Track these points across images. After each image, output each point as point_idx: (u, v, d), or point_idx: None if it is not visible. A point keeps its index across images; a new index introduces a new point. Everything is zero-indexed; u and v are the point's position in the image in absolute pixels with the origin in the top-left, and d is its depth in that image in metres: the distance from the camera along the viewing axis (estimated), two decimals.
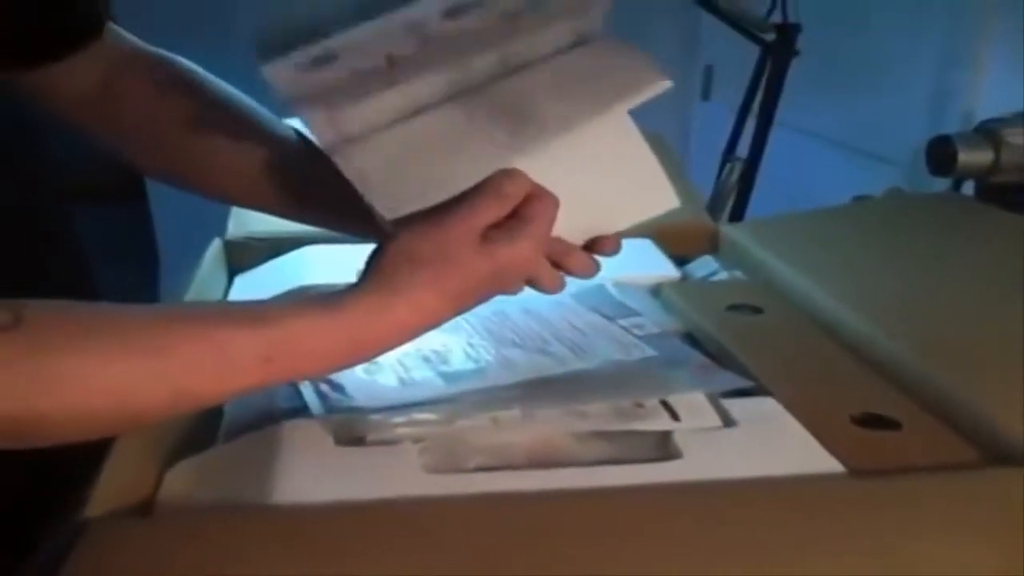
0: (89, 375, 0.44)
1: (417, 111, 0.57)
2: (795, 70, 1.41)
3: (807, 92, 1.48)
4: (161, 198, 2.26)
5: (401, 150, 0.56)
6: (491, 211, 0.53)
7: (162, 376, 0.46)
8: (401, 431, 0.56)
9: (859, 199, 1.25)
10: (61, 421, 0.44)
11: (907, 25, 1.45)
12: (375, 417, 0.57)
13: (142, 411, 0.47)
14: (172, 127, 0.66)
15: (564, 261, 0.58)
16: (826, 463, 0.54)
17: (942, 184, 1.13)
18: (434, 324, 0.53)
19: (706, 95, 2.18)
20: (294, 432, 0.56)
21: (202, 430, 0.61)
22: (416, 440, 0.55)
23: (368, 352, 0.53)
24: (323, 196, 0.59)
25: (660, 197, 0.61)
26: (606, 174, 0.60)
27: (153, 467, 0.56)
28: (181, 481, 0.55)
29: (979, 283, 0.79)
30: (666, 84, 0.57)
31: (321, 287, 0.79)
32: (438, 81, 0.56)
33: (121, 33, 0.68)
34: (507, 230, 0.53)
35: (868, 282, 0.79)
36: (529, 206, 0.54)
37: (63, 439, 0.45)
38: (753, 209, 1.47)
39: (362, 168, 0.55)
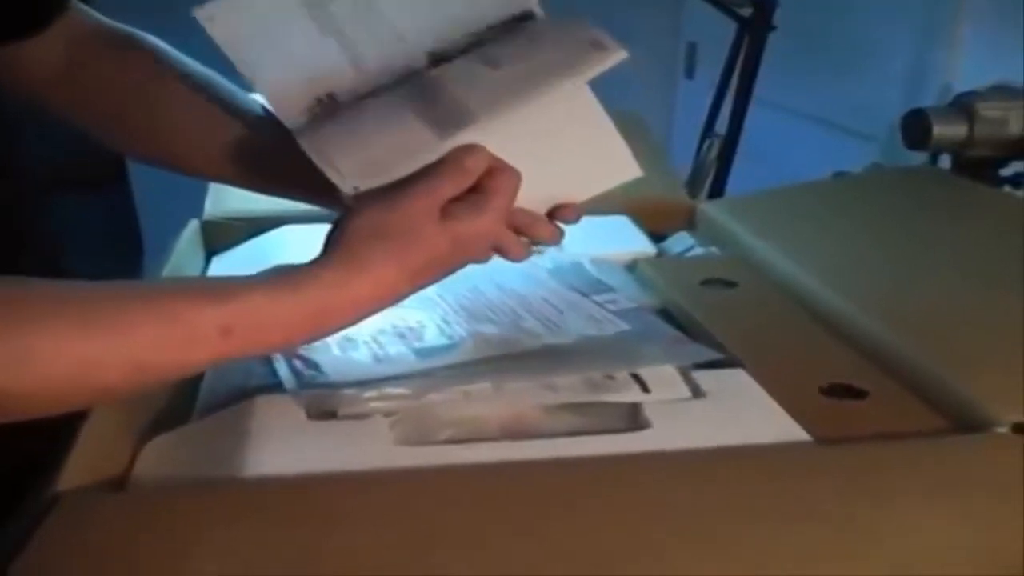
0: (52, 351, 0.44)
1: (369, 92, 0.58)
2: (774, 47, 1.42)
3: (786, 69, 1.48)
4: (143, 183, 2.26)
5: (356, 127, 0.56)
6: (452, 185, 0.53)
7: (124, 351, 0.46)
8: (373, 405, 0.56)
9: (839, 175, 1.26)
10: (25, 396, 0.44)
11: (885, 2, 1.45)
12: (347, 392, 0.57)
13: (106, 386, 0.47)
14: (139, 104, 0.66)
15: (529, 230, 0.59)
16: (793, 432, 0.55)
17: (921, 159, 1.13)
18: (396, 299, 0.54)
19: (690, 73, 2.18)
20: (267, 407, 0.57)
21: (177, 407, 0.62)
22: (387, 414, 0.56)
23: (330, 325, 0.53)
24: (290, 168, 0.59)
25: (622, 167, 0.62)
26: (567, 145, 0.60)
27: (127, 442, 0.56)
28: (155, 457, 0.55)
29: (952, 256, 0.79)
30: (621, 54, 0.57)
31: None
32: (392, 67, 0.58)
33: (85, 10, 0.67)
34: (468, 204, 0.54)
35: (842, 256, 0.80)
36: (490, 180, 0.54)
37: (27, 415, 0.45)
38: (733, 186, 1.48)
39: (320, 144, 0.55)
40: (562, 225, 0.61)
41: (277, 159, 0.58)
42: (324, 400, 0.56)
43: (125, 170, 2.24)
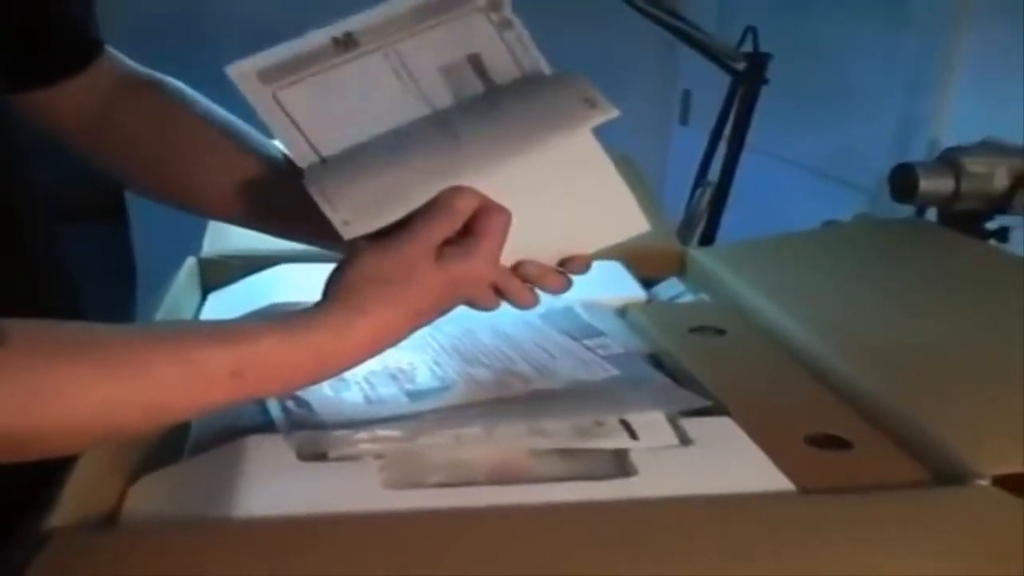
0: (69, 393, 0.45)
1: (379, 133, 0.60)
2: (767, 97, 1.44)
3: (779, 119, 1.51)
4: (140, 217, 2.28)
5: (358, 169, 0.58)
6: (443, 227, 0.55)
7: (138, 392, 0.47)
8: (363, 447, 0.57)
9: (828, 224, 1.27)
10: (42, 437, 0.45)
11: (876, 53, 1.47)
12: (338, 433, 0.58)
13: (120, 426, 0.49)
14: (160, 147, 0.68)
15: (538, 281, 0.61)
16: (778, 481, 0.56)
17: (909, 210, 1.15)
18: (396, 340, 0.56)
19: (684, 119, 2.21)
20: (257, 447, 0.57)
21: (168, 445, 0.62)
22: (378, 456, 0.56)
23: (333, 370, 0.55)
24: (305, 213, 0.61)
25: (630, 222, 0.64)
26: (577, 199, 0.62)
27: (118, 480, 0.57)
28: (145, 495, 0.56)
29: (938, 307, 0.80)
30: (611, 113, 0.59)
31: (293, 305, 0.81)
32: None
33: (116, 57, 0.70)
34: (460, 246, 0.55)
35: (830, 305, 0.81)
36: (480, 221, 0.56)
37: (43, 454, 0.47)
38: (724, 233, 1.49)
39: (322, 182, 0.57)
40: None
41: (295, 201, 0.60)
42: (315, 441, 0.57)
43: (123, 204, 2.26)
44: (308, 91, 0.59)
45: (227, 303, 0.87)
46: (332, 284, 0.55)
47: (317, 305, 0.54)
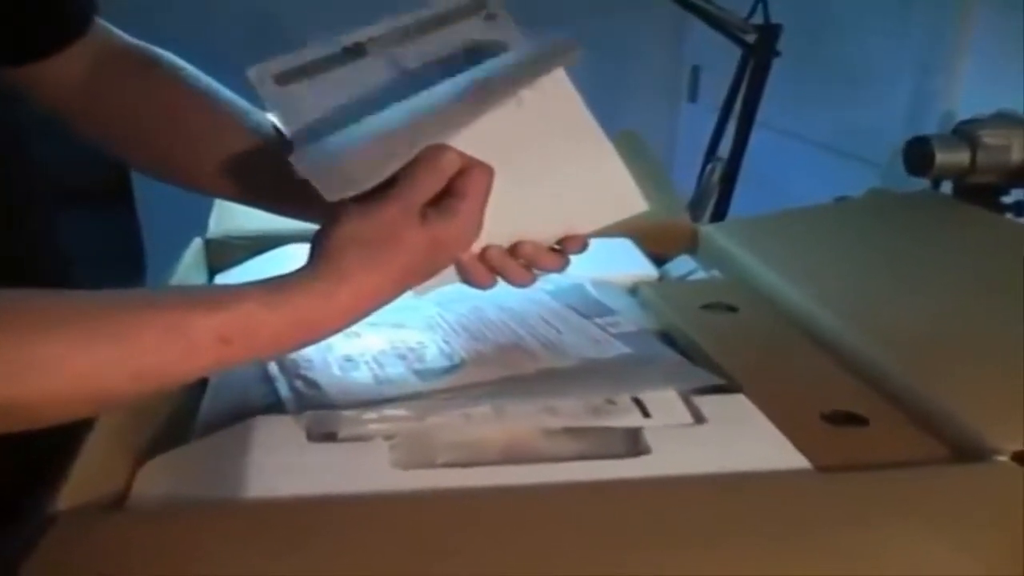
0: (55, 362, 0.45)
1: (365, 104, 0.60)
2: (777, 72, 1.42)
3: (789, 94, 1.49)
4: (147, 199, 2.26)
5: (341, 140, 0.58)
6: (426, 187, 0.54)
7: (125, 360, 0.47)
8: (373, 427, 0.56)
9: (841, 200, 1.26)
10: (29, 406, 0.45)
11: (887, 28, 1.45)
12: (347, 413, 0.57)
13: (108, 394, 0.48)
14: (158, 122, 0.67)
15: (535, 261, 0.61)
16: (794, 459, 0.55)
17: (921, 185, 1.14)
18: (382, 303, 0.55)
19: (693, 96, 2.19)
20: (266, 428, 0.56)
21: (176, 426, 0.62)
22: (387, 436, 0.56)
23: (318, 334, 0.54)
24: (297, 188, 0.60)
25: (628, 201, 0.64)
26: (573, 179, 0.61)
27: (126, 461, 0.56)
28: (154, 476, 0.55)
29: (955, 282, 0.79)
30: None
31: None
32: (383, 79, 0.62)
33: (107, 28, 0.68)
34: (443, 206, 0.55)
35: (844, 281, 0.80)
36: (462, 181, 0.55)
37: (32, 424, 0.46)
38: (735, 209, 1.48)
39: (311, 155, 0.57)
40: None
41: (288, 178, 0.59)
42: (324, 421, 0.56)
43: (129, 187, 2.25)
44: (313, 88, 0.61)
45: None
46: (316, 246, 0.54)
47: (301, 270, 0.53)
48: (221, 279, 0.89)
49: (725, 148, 1.49)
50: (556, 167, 0.61)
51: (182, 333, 0.48)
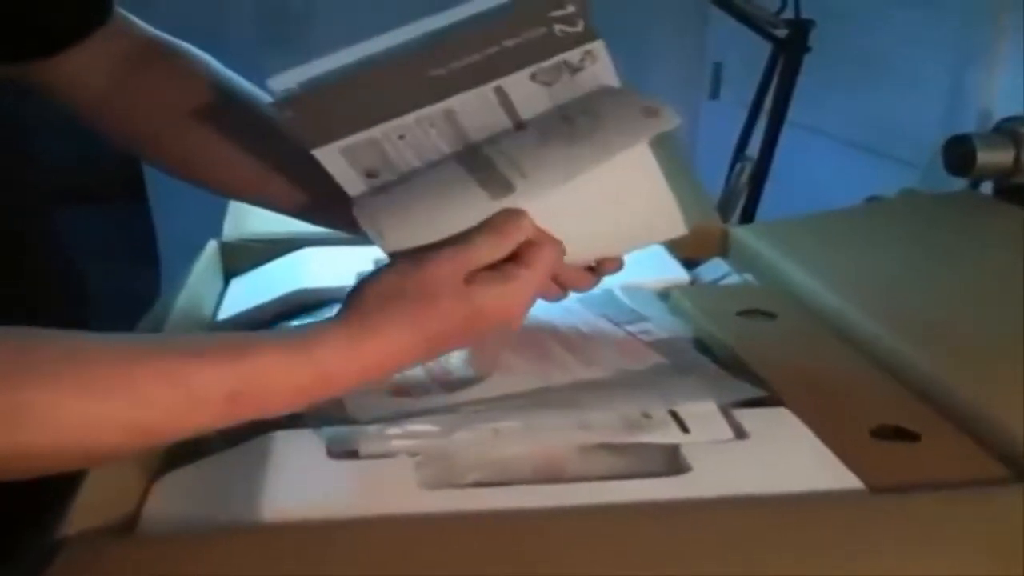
0: (47, 411, 0.41)
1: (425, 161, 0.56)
2: (806, 68, 1.38)
3: (818, 90, 1.45)
4: (162, 198, 2.25)
5: (407, 191, 0.55)
6: (484, 251, 0.51)
7: (121, 413, 0.43)
8: (396, 443, 0.53)
9: (872, 200, 1.22)
10: (21, 456, 0.41)
11: (921, 22, 1.41)
12: (370, 429, 0.54)
13: (102, 447, 0.44)
14: (180, 116, 0.64)
15: (570, 284, 0.61)
16: (844, 478, 0.52)
17: (957, 185, 1.10)
18: (407, 365, 0.52)
19: (715, 94, 2.15)
20: (285, 443, 0.54)
21: (191, 440, 0.59)
22: (412, 453, 0.53)
23: (336, 390, 0.50)
24: (328, 197, 0.57)
25: (670, 224, 0.61)
26: (618, 202, 0.59)
27: (138, 479, 0.53)
28: (167, 494, 0.52)
29: (1002, 286, 0.76)
30: (674, 122, 0.56)
31: (318, 291, 0.77)
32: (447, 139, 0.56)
33: (128, 18, 0.66)
34: (496, 273, 0.51)
35: (885, 286, 0.77)
36: (527, 251, 0.52)
37: (27, 473, 0.43)
38: (763, 210, 1.44)
39: (370, 208, 0.54)
40: None
41: (318, 184, 0.56)
42: (345, 437, 0.54)
43: (143, 185, 2.23)
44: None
45: (250, 289, 0.83)
46: (350, 296, 0.51)
47: (328, 320, 0.50)
48: (237, 283, 0.86)
49: (752, 147, 1.45)
50: (598, 187, 0.58)
51: (186, 387, 0.44)
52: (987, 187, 1.02)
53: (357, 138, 0.54)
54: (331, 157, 0.54)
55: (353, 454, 0.53)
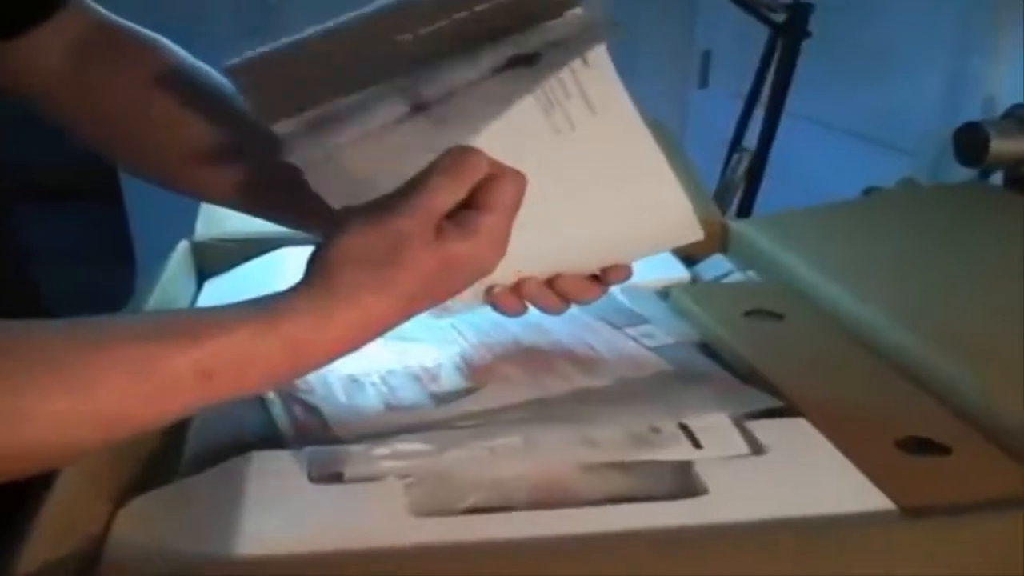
0: (15, 409, 0.38)
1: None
2: (802, 55, 1.34)
3: (814, 78, 1.40)
4: (137, 197, 2.20)
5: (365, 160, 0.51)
6: (444, 196, 0.46)
7: (90, 404, 0.40)
8: (385, 464, 0.49)
9: (870, 191, 1.18)
10: None
11: (921, 7, 1.37)
12: (355, 448, 0.50)
13: (76, 443, 0.41)
14: (138, 110, 0.60)
15: (575, 295, 0.57)
16: (874, 499, 0.47)
17: (959, 175, 1.06)
18: (385, 330, 0.47)
19: (704, 82, 2.11)
20: (263, 466, 0.49)
21: (161, 461, 0.54)
22: (402, 475, 0.48)
23: (312, 364, 0.46)
24: (302, 198, 0.53)
25: (683, 228, 0.58)
26: (626, 204, 0.55)
27: (102, 505, 0.49)
28: (134, 522, 0.47)
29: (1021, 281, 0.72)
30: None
31: None
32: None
33: (92, 7, 0.61)
34: (462, 220, 0.47)
35: (899, 284, 0.72)
36: (489, 190, 0.47)
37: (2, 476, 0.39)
38: (760, 203, 1.40)
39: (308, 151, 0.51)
40: None
41: (281, 183, 0.52)
42: (328, 459, 0.49)
43: (117, 183, 2.18)
44: None
45: (225, 291, 0.78)
46: (313, 262, 0.46)
47: (294, 289, 0.46)
48: (210, 285, 0.81)
49: (748, 137, 1.40)
50: (605, 189, 0.54)
51: (154, 371, 0.41)
52: (995, 178, 0.98)
53: (317, 112, 0.50)
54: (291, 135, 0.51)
55: (337, 477, 0.48)
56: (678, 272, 0.80)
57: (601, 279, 0.58)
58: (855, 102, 1.55)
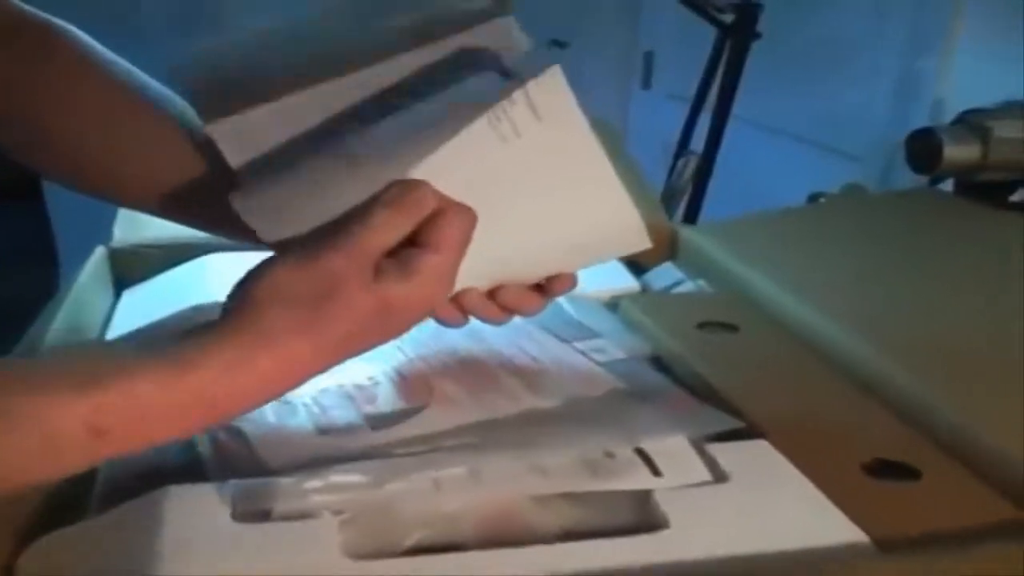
0: None
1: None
2: (748, 58, 1.32)
3: (760, 80, 1.38)
4: (59, 195, 2.11)
5: (282, 169, 0.48)
6: (385, 232, 0.43)
7: None
8: (317, 499, 0.44)
9: (816, 196, 1.17)
10: None
11: (869, 8, 1.35)
12: (284, 481, 0.45)
13: None
14: (51, 109, 0.54)
15: (516, 306, 0.53)
16: (845, 530, 0.44)
17: (904, 181, 1.05)
18: (309, 377, 0.43)
19: (646, 83, 2.09)
20: (181, 501, 0.44)
21: (70, 495, 0.49)
22: (336, 510, 0.44)
23: (225, 414, 0.42)
24: (221, 201, 0.48)
25: (630, 236, 0.54)
26: (570, 211, 0.52)
27: (4, 542, 0.44)
28: (40, 562, 0.43)
29: (984, 293, 0.70)
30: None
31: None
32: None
33: None
34: (405, 260, 0.43)
35: (858, 294, 0.70)
36: (435, 228, 0.44)
37: None
38: (705, 207, 1.37)
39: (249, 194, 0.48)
40: None
41: (208, 189, 0.47)
42: (254, 494, 0.44)
43: (39, 182, 2.09)
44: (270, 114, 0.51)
45: (144, 302, 0.73)
46: (233, 299, 0.42)
47: (210, 327, 0.41)
48: (129, 295, 0.75)
49: (694, 141, 1.38)
50: (550, 197, 0.50)
51: (40, 426, 0.36)
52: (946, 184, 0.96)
53: (255, 113, 0.46)
54: (223, 134, 0.47)
55: (265, 515, 0.44)
56: (627, 282, 0.77)
57: (545, 289, 0.54)
58: (800, 105, 1.54)
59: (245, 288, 0.42)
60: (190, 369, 0.39)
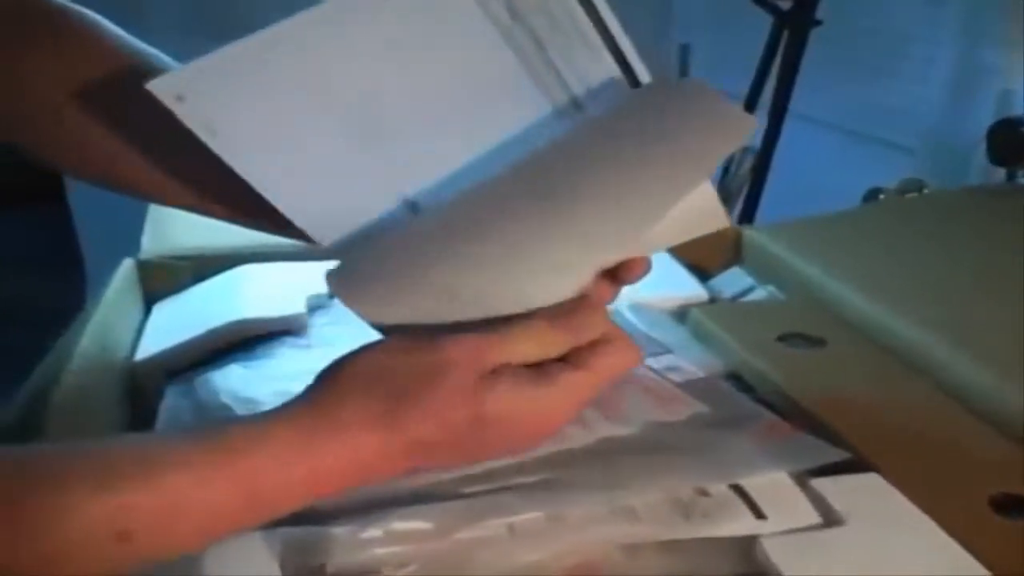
0: None
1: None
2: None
3: (812, 73, 1.31)
4: (84, 200, 2.07)
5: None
6: (528, 341, 0.38)
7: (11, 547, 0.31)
8: (377, 552, 0.39)
9: (874, 192, 1.10)
10: None
11: None
12: (338, 531, 0.39)
13: None
14: (74, 100, 0.48)
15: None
16: None
17: (961, 175, 0.98)
18: (373, 480, 0.37)
19: (683, 76, 2.02)
20: (223, 555, 0.39)
21: None
22: (400, 564, 0.38)
23: (273, 513, 0.37)
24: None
25: (709, 216, 0.48)
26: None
27: None
28: None
29: None
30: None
31: (260, 321, 0.62)
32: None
33: None
34: (537, 371, 0.38)
35: (962, 306, 0.63)
36: (593, 353, 0.39)
37: None
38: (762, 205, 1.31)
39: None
40: None
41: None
42: (306, 545, 0.39)
43: (63, 187, 2.05)
44: None
45: (176, 316, 0.67)
46: (320, 378, 0.37)
47: (284, 405, 0.36)
48: (159, 309, 0.70)
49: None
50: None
51: (70, 522, 0.31)
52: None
53: None
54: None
55: (319, 571, 0.38)
56: (693, 289, 0.71)
57: (617, 277, 0.47)
58: (851, 97, 1.46)
59: (334, 367, 0.37)
60: (239, 458, 0.34)
